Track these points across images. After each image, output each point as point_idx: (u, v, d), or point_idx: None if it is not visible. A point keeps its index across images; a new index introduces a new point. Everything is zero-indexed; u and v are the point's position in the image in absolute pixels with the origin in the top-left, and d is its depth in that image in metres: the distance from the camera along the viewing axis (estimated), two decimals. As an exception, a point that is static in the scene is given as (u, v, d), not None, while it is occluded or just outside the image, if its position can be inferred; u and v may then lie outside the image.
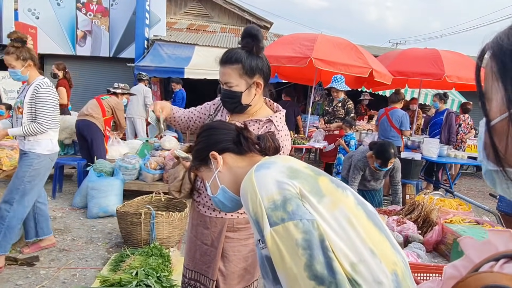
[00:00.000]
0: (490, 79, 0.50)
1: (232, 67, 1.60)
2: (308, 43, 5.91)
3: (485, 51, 0.52)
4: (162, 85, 10.79)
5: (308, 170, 1.03)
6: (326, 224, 0.91)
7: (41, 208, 3.27)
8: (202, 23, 13.33)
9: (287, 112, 7.03)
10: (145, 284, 2.59)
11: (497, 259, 0.38)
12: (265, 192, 0.93)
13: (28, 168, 2.95)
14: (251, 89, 1.63)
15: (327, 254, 0.86)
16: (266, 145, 1.22)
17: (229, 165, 1.19)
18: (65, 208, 4.50)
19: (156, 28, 11.10)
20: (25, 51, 2.94)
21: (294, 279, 0.87)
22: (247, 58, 1.60)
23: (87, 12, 10.96)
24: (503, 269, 0.37)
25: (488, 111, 0.50)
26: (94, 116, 4.94)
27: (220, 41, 11.14)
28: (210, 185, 1.23)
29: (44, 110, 2.91)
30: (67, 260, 3.22)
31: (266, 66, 1.66)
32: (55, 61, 11.37)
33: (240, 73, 1.60)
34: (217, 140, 1.22)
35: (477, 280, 0.37)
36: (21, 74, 2.93)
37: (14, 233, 3.01)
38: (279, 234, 0.89)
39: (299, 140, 5.72)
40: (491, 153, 0.50)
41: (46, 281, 2.86)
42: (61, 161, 4.97)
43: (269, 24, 13.72)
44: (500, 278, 0.36)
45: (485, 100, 0.50)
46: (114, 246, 3.56)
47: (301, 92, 11.69)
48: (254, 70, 1.61)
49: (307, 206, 0.92)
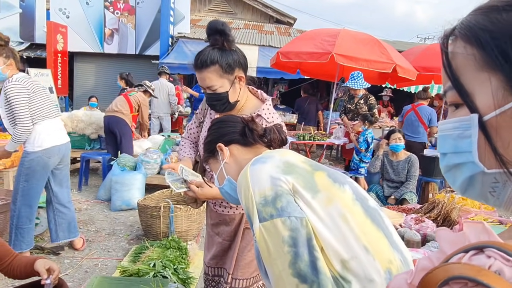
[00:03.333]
0: (469, 69, 0.45)
1: (209, 70, 1.54)
2: (330, 38, 5.84)
3: (448, 37, 0.48)
4: (186, 82, 10.95)
5: (305, 164, 1.03)
6: (318, 220, 0.91)
7: (60, 210, 3.15)
8: (226, 19, 13.38)
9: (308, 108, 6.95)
10: (162, 275, 2.65)
11: (467, 251, 0.38)
12: (257, 187, 0.94)
13: (21, 167, 2.86)
14: (235, 85, 1.59)
15: (313, 253, 0.87)
16: (272, 137, 1.23)
17: (235, 157, 1.21)
18: (90, 200, 4.67)
19: (180, 25, 11.26)
20: (8, 50, 2.79)
21: (279, 275, 0.88)
22: (222, 56, 1.54)
23: (114, 11, 11.25)
24: (471, 260, 0.37)
25: (476, 106, 0.44)
26: (124, 112, 5.08)
27: (243, 37, 11.17)
28: (217, 177, 1.26)
29: (16, 109, 2.70)
30: (90, 250, 3.35)
31: (242, 57, 1.61)
32: (84, 59, 11.79)
33: (220, 74, 1.55)
34: (224, 132, 1.24)
35: (444, 271, 0.37)
36: (1, 72, 2.74)
37: (26, 233, 2.95)
38: (267, 229, 0.90)
39: (319, 137, 5.68)
40: (486, 154, 0.44)
41: (70, 269, 2.99)
42: (87, 155, 5.15)
43: (293, 20, 13.63)
44: (467, 269, 0.36)
45: (467, 95, 0.45)
46: (135, 238, 3.67)
47: (324, 88, 11.57)
48: (232, 66, 1.56)
49: (299, 202, 0.92)
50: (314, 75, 7.95)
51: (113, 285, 2.31)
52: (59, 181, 3.13)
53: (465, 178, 0.47)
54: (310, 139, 5.59)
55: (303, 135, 5.63)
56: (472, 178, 0.46)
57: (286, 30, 12.65)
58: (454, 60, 0.47)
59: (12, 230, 2.92)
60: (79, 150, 5.41)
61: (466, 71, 0.45)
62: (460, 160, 0.47)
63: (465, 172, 0.46)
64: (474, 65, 0.44)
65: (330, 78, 7.31)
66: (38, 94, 2.84)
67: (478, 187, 0.46)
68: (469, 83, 0.45)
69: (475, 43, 0.44)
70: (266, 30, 12.41)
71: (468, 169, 0.46)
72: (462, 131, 0.46)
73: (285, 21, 13.48)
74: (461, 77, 0.46)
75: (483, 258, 0.36)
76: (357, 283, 0.87)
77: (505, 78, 0.42)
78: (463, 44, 0.46)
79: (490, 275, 0.34)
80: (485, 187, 0.45)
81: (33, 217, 3.01)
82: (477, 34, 0.44)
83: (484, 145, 0.44)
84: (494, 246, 0.36)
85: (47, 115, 2.89)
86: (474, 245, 0.38)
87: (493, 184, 0.44)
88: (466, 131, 0.45)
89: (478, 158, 0.45)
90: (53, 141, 2.90)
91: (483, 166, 0.44)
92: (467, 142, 0.45)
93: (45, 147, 2.85)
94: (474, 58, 0.44)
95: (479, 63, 0.44)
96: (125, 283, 2.36)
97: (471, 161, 0.45)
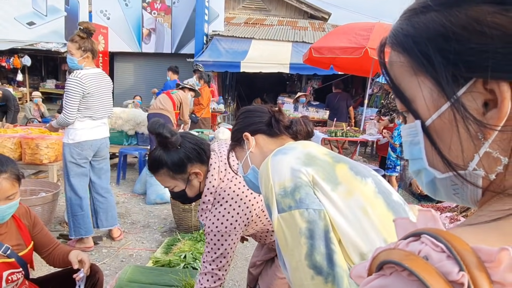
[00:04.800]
0: (405, 76, 0.45)
1: (159, 174, 1.50)
2: (364, 32, 5.71)
3: (384, 47, 0.47)
4: (220, 80, 11.10)
5: (327, 157, 1.03)
6: (338, 212, 0.91)
7: (98, 199, 3.29)
8: (260, 16, 13.42)
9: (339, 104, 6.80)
10: (192, 267, 2.74)
11: (407, 237, 0.38)
12: (277, 178, 0.95)
13: (63, 158, 3.10)
14: (191, 182, 1.51)
15: (330, 246, 0.87)
16: (298, 129, 1.23)
17: (260, 146, 1.22)
18: (127, 194, 4.88)
19: (215, 23, 11.43)
20: (88, 43, 2.95)
21: (295, 265, 0.89)
22: (167, 158, 1.46)
23: (151, 11, 11.61)
24: (407, 246, 0.37)
25: (416, 112, 0.44)
26: (169, 110, 5.26)
27: (276, 34, 11.15)
28: (242, 165, 1.27)
29: (67, 101, 2.89)
30: (126, 241, 3.50)
31: (192, 151, 1.49)
32: (123, 58, 12.27)
33: (170, 175, 1.49)
34: (251, 122, 1.25)
35: (383, 256, 0.38)
36: (77, 63, 2.95)
37: (81, 220, 3.11)
38: (286, 220, 0.91)
39: (352, 133, 5.57)
40: (435, 159, 0.43)
41: (107, 258, 3.15)
42: (125, 150, 5.38)
43: (327, 15, 13.42)
44: (397, 255, 0.36)
45: (408, 102, 0.45)
46: (167, 230, 3.79)
47: (360, 84, 11.31)
48: (181, 166, 1.47)
49: (318, 194, 0.92)
50: (348, 70, 7.81)
51: (145, 274, 2.41)
52: (97, 172, 3.30)
53: (427, 183, 0.47)
54: (342, 136, 5.50)
55: (335, 132, 5.55)
56: (433, 183, 0.46)
57: (320, 26, 12.48)
58: (391, 69, 0.47)
59: (70, 218, 3.15)
60: (118, 146, 5.66)
61: (403, 78, 0.45)
62: (417, 167, 0.47)
63: (424, 177, 0.47)
64: (407, 71, 0.44)
65: (364, 73, 7.15)
66: (94, 96, 3.00)
67: (442, 190, 0.46)
68: (408, 90, 0.45)
69: (402, 50, 0.44)
70: (300, 26, 12.31)
71: (426, 175, 0.46)
72: (413, 138, 0.46)
73: (319, 16, 13.30)
74: (400, 85, 0.46)
75: (417, 244, 0.36)
76: None
77: (433, 80, 0.41)
78: (395, 52, 0.46)
79: (416, 260, 0.34)
80: (448, 190, 0.45)
81: (84, 205, 3.15)
82: (402, 41, 0.44)
83: (431, 150, 0.44)
84: (428, 233, 0.36)
85: (91, 116, 3.05)
86: (414, 232, 0.38)
87: (453, 186, 0.44)
88: (415, 137, 0.45)
89: (428, 164, 0.45)
90: (86, 136, 3.05)
91: (434, 171, 0.44)
92: (417, 148, 0.46)
93: (77, 141, 3.02)
94: (406, 65, 0.44)
95: (411, 69, 0.44)
96: (156, 273, 2.45)
97: (424, 168, 0.46)
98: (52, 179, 4.10)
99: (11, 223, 1.62)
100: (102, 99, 3.10)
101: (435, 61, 0.40)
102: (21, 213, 1.68)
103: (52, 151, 4.24)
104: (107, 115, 3.22)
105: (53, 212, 3.39)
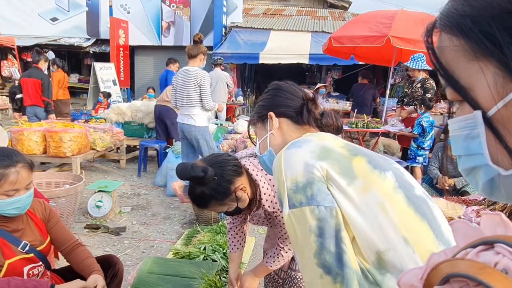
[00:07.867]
0: (461, 62, 0.40)
1: (210, 207, 1.49)
2: (386, 20, 5.53)
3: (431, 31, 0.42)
4: (239, 71, 11.07)
5: (343, 149, 0.99)
6: (353, 208, 0.87)
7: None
8: (279, 7, 13.27)
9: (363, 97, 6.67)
10: (211, 259, 2.75)
11: (476, 246, 0.34)
12: (290, 172, 0.92)
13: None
14: (239, 197, 1.49)
15: (340, 245, 0.84)
16: (328, 122, 1.18)
17: (283, 131, 1.16)
18: (148, 186, 4.95)
19: (233, 15, 11.37)
20: (205, 51, 3.92)
21: (305, 262, 0.87)
22: (210, 191, 1.43)
23: (170, 4, 11.65)
24: (478, 256, 0.33)
25: (477, 102, 0.39)
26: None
27: (295, 24, 11.00)
28: (259, 143, 1.22)
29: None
30: (147, 232, 3.55)
31: (227, 171, 1.47)
32: (143, 52, 12.38)
33: (219, 203, 1.47)
34: (280, 103, 1.18)
35: (448, 267, 0.34)
36: (202, 65, 3.91)
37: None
38: (296, 216, 0.88)
39: (373, 124, 5.45)
40: (500, 154, 0.38)
41: (128, 249, 3.21)
42: (145, 143, 5.44)
43: (348, 4, 13.13)
44: (468, 267, 0.32)
45: (465, 91, 0.40)
46: (187, 222, 3.82)
47: (381, 74, 11.05)
48: (225, 191, 1.45)
49: (332, 190, 0.89)
50: (369, 60, 7.61)
51: (165, 265, 2.44)
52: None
53: (485, 182, 0.41)
54: (363, 127, 5.39)
55: (356, 123, 5.44)
56: (493, 181, 0.40)
57: (341, 15, 12.22)
58: (442, 55, 0.42)
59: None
60: (138, 138, 5.74)
61: (457, 64, 0.41)
62: (474, 163, 0.42)
63: (483, 175, 0.41)
64: (464, 56, 0.40)
65: (386, 63, 6.95)
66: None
67: (503, 190, 0.40)
68: (464, 77, 0.40)
69: (458, 33, 0.40)
70: (319, 15, 12.09)
71: (485, 172, 0.41)
72: (470, 131, 0.41)
73: (340, 5, 13.03)
74: (454, 72, 0.41)
75: (491, 254, 0.32)
76: (392, 276, 0.82)
77: (499, 64, 0.36)
78: (447, 36, 0.41)
79: (494, 274, 0.30)
80: (510, 189, 0.39)
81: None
82: (458, 22, 0.39)
83: (495, 144, 0.39)
84: (504, 241, 0.31)
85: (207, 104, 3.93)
86: (485, 239, 0.34)
87: None
88: (473, 130, 0.40)
89: (491, 160, 0.39)
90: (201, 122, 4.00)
91: (498, 168, 0.39)
92: (476, 142, 0.40)
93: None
94: (462, 49, 0.39)
95: (469, 53, 0.39)
96: (175, 264, 2.48)
97: (485, 164, 0.40)
98: (75, 172, 4.19)
99: (27, 219, 1.64)
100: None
101: (502, 41, 0.36)
102: (36, 207, 1.69)
103: (75, 144, 4.33)
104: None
105: (76, 204, 3.47)
